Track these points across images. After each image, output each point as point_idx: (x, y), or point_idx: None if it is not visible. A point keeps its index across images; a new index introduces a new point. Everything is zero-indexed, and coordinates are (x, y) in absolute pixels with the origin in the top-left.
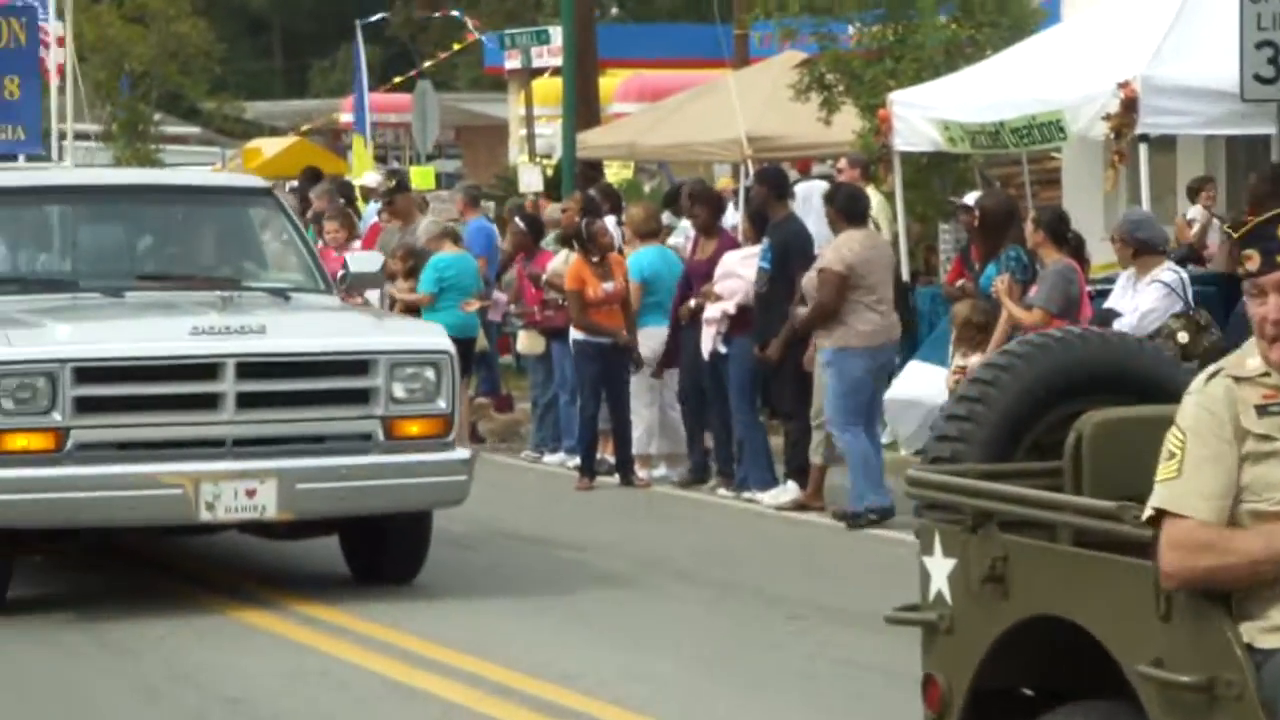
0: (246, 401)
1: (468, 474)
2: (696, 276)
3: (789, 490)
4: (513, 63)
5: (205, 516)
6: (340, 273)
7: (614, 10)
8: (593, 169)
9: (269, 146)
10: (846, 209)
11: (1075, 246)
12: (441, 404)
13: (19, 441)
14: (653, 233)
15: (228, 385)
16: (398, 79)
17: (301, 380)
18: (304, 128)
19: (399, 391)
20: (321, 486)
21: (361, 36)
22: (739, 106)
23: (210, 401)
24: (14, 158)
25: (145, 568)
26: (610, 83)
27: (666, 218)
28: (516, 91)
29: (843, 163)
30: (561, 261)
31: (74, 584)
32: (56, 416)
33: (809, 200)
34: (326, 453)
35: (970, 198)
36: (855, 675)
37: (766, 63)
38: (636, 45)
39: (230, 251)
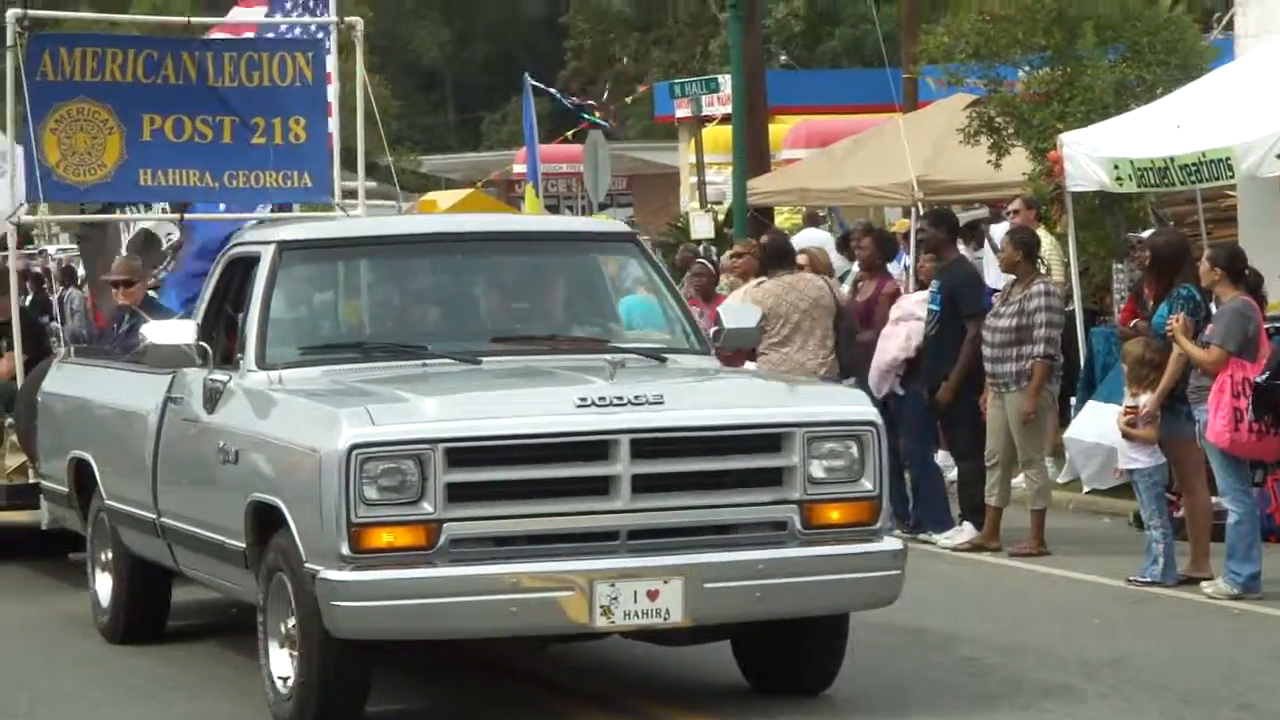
0: (643, 485)
1: (900, 568)
2: (856, 317)
3: (965, 531)
4: (683, 111)
5: (601, 623)
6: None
7: (782, 58)
8: (763, 215)
9: (444, 199)
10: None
11: (1252, 284)
12: (867, 484)
13: (384, 538)
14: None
15: (621, 467)
16: (569, 132)
17: (705, 459)
18: (481, 181)
19: (818, 470)
20: (733, 586)
21: (530, 89)
22: (909, 150)
23: (601, 486)
24: (289, 207)
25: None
26: (780, 129)
27: (838, 262)
28: (687, 139)
29: (1016, 203)
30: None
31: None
32: (427, 507)
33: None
34: (736, 545)
35: (1145, 235)
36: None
37: (935, 106)
38: (805, 91)
39: (593, 307)
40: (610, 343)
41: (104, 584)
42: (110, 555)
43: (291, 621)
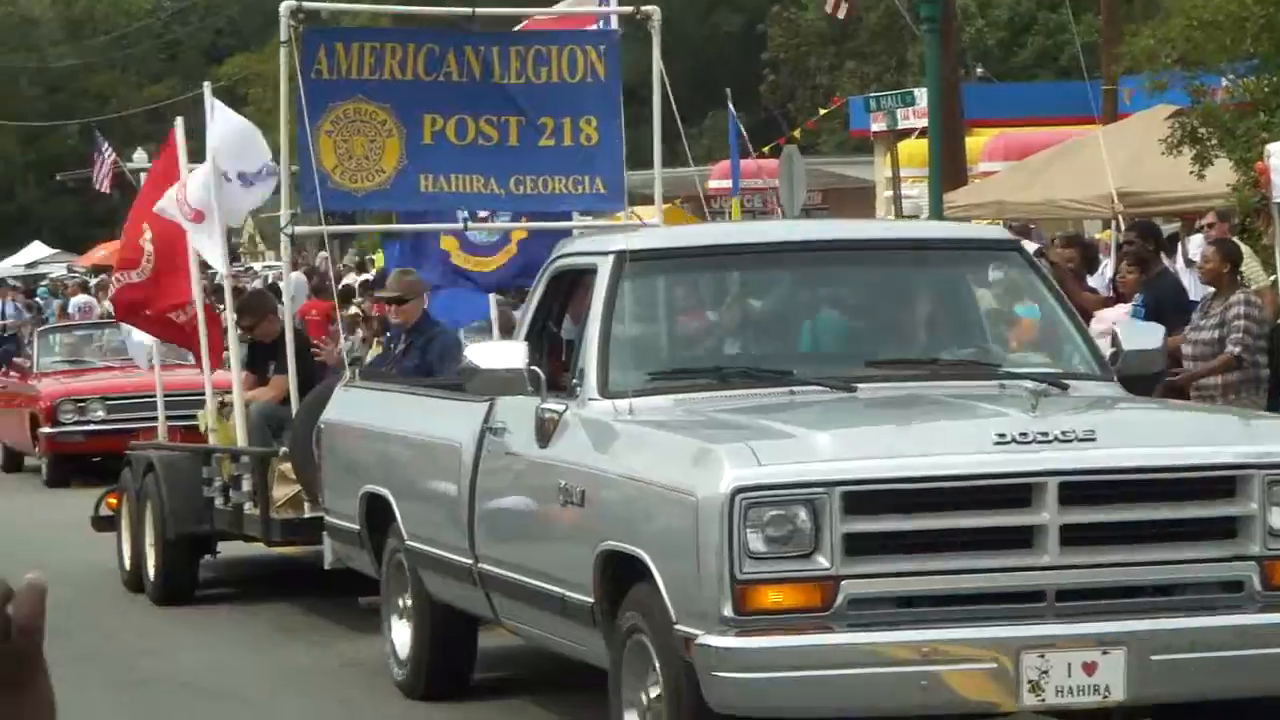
0: (1073, 537)
1: None
2: None
3: None
4: (878, 125)
5: (1029, 701)
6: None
7: (979, 70)
8: None
9: (642, 214)
10: None
11: None
12: None
13: (772, 597)
14: None
15: (1048, 515)
16: (765, 148)
17: (1146, 507)
18: (681, 196)
19: None
20: (1185, 659)
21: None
22: (1109, 161)
23: (1023, 538)
24: (567, 216)
25: None
26: (977, 142)
27: None
28: (882, 153)
29: (1210, 216)
30: None
31: None
32: (821, 561)
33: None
34: (1181, 609)
35: None
36: None
37: (1136, 117)
38: (1002, 104)
39: (971, 325)
40: (1000, 367)
41: (401, 632)
42: (410, 601)
43: (655, 691)
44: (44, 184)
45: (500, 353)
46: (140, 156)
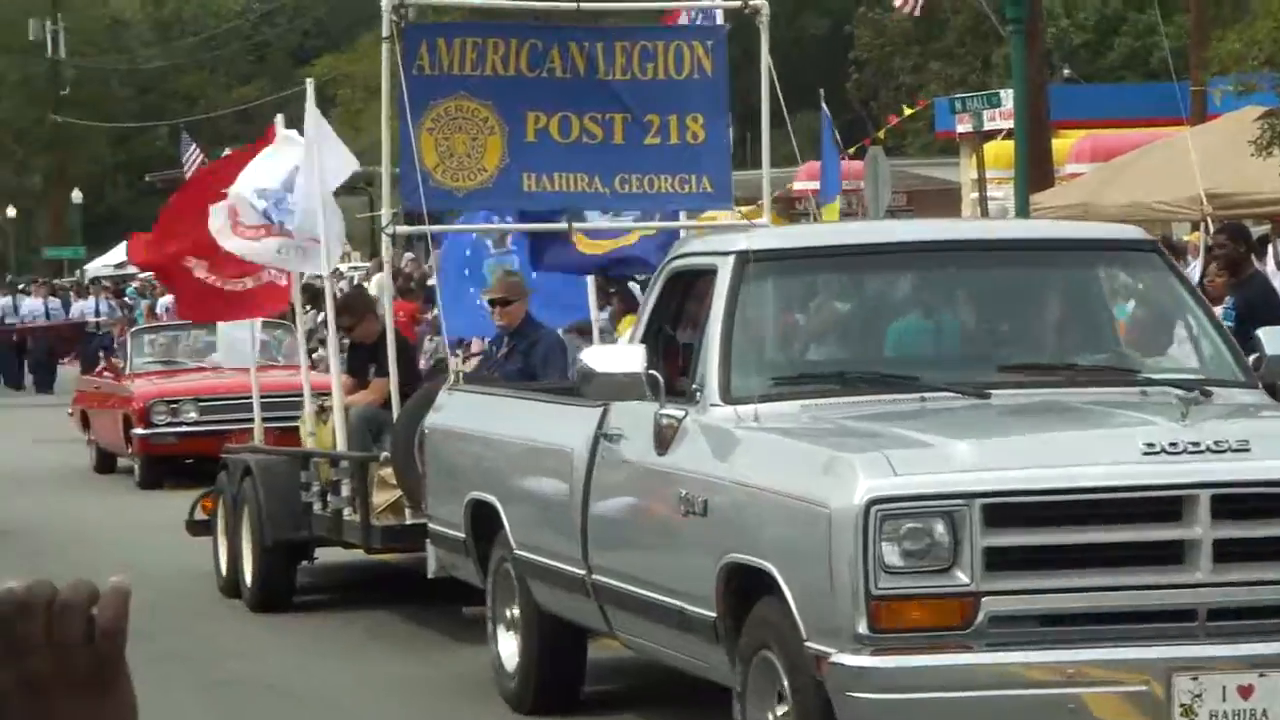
0: (1227, 553)
1: None
2: None
3: None
4: (964, 126)
5: None
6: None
7: (1065, 71)
8: None
9: (724, 217)
10: None
11: None
12: None
13: (910, 614)
14: None
15: (1200, 529)
16: (850, 149)
17: None
18: (774, 195)
19: None
20: None
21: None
22: (1197, 163)
23: (1173, 553)
24: (675, 215)
25: None
26: (1064, 143)
27: None
28: (968, 155)
29: None
30: None
31: None
32: (961, 576)
33: None
34: None
35: None
36: None
37: (1225, 118)
38: (1090, 105)
39: (1112, 329)
40: (1139, 373)
41: (508, 644)
42: (517, 611)
43: (781, 710)
44: (133, 185)
45: (618, 356)
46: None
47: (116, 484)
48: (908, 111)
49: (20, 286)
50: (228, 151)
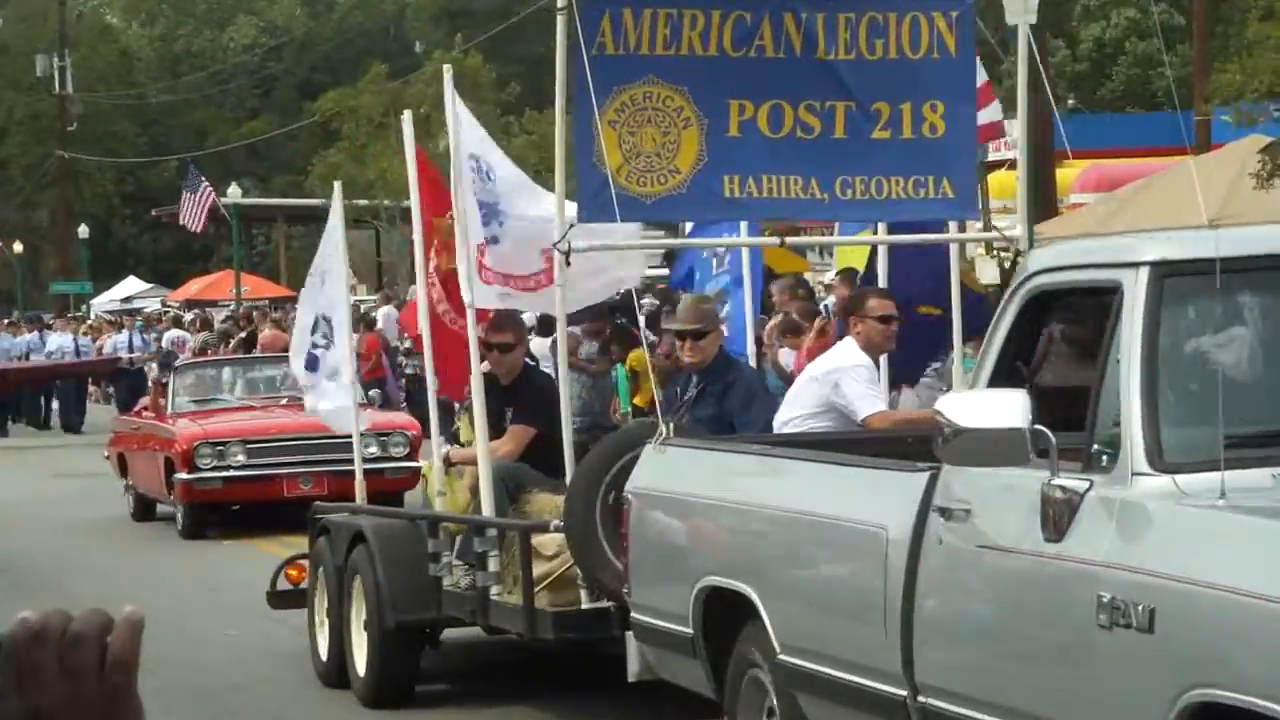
0: None
1: None
2: None
3: None
4: None
5: None
6: None
7: (1070, 101)
8: None
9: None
10: None
11: None
12: None
13: None
14: None
15: None
16: None
17: None
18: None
19: None
20: None
21: None
22: (1201, 192)
23: None
24: (831, 230)
25: None
26: (1068, 174)
27: None
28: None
29: None
30: None
31: None
32: None
33: None
34: None
35: None
36: None
37: (1229, 148)
38: (1094, 135)
39: None
40: None
41: None
42: None
43: None
44: (140, 219)
45: (990, 406)
46: (234, 191)
47: (157, 533)
48: None
49: (46, 321)
50: (234, 187)
